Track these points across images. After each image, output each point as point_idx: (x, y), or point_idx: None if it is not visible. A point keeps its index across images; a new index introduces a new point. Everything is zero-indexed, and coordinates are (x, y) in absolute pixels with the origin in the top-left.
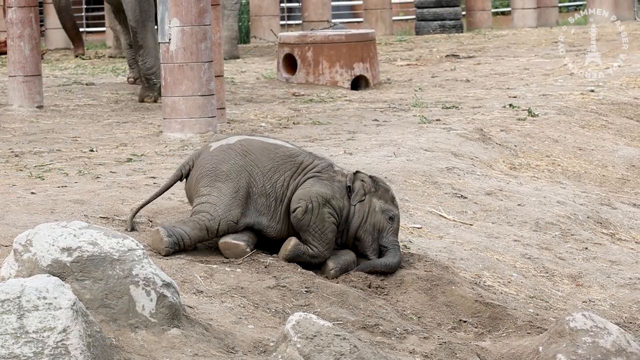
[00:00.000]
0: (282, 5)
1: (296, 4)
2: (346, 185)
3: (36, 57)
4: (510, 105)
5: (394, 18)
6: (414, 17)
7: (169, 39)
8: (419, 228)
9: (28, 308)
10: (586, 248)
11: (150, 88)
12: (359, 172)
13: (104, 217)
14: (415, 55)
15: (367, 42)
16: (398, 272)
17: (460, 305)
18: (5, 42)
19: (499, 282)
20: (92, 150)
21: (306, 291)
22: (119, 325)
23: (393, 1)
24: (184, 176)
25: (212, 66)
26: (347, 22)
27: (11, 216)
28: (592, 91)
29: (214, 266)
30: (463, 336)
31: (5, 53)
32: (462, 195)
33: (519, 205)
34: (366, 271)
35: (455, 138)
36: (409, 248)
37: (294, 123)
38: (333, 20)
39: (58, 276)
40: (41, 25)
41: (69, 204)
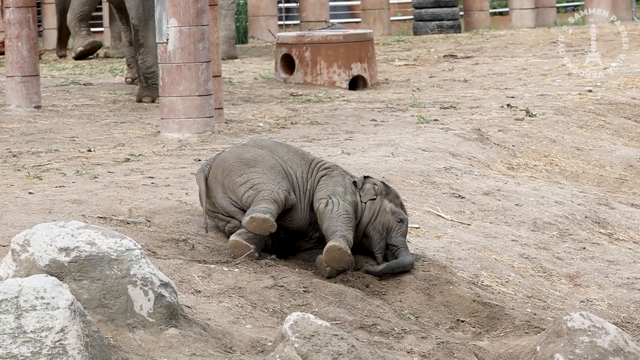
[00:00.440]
0: (280, 5)
1: (294, 4)
2: (353, 181)
3: (34, 58)
4: (508, 105)
5: (392, 18)
6: (412, 18)
7: (167, 39)
8: (417, 228)
9: (26, 308)
10: (584, 248)
11: (148, 88)
12: (370, 177)
13: (102, 217)
14: (413, 55)
15: (365, 42)
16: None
17: (458, 305)
18: (3, 43)
19: (497, 282)
20: (90, 150)
21: (304, 291)
22: (117, 325)
23: (391, 1)
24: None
25: (210, 66)
26: (345, 23)
27: (9, 216)
28: (590, 91)
29: (212, 266)
30: (461, 336)
31: (3, 53)
32: (460, 195)
33: (517, 205)
34: (392, 272)
35: (453, 138)
36: None
37: (292, 123)
38: (331, 20)
39: (56, 276)
40: (39, 25)
41: (67, 204)
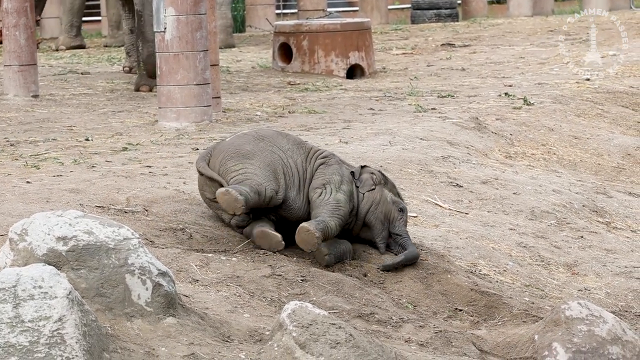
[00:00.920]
0: None
1: None
2: (351, 171)
3: (31, 47)
4: (505, 94)
5: (390, 7)
6: (410, 6)
7: (165, 28)
8: (415, 217)
9: (24, 297)
10: (582, 236)
11: (146, 76)
12: (367, 167)
13: (100, 206)
14: (410, 44)
15: (363, 31)
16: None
17: (455, 293)
18: (0, 32)
19: (495, 271)
20: (88, 139)
21: (302, 280)
22: (115, 314)
23: None
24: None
25: (208, 55)
26: (343, 11)
27: (6, 205)
28: (588, 80)
29: (210, 255)
30: (459, 325)
31: (0, 42)
32: (458, 184)
33: (515, 193)
34: (399, 265)
35: (450, 127)
36: None
37: (290, 112)
38: (328, 9)
39: (54, 265)
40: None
41: (65, 193)
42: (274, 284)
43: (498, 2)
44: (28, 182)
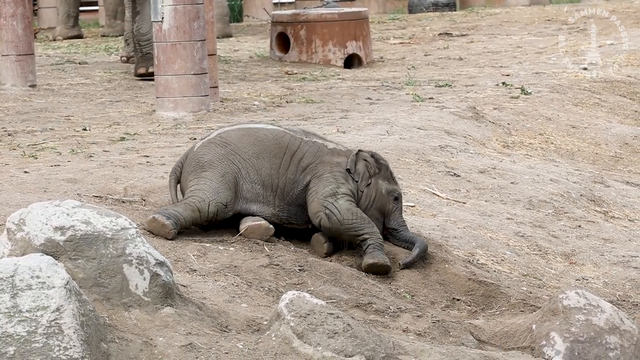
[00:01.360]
0: None
1: None
2: (346, 168)
3: (29, 36)
4: (503, 83)
5: None
6: None
7: (162, 18)
8: (412, 206)
9: (21, 287)
10: (579, 226)
11: (143, 57)
12: (361, 152)
13: (97, 196)
14: (408, 33)
15: (360, 21)
16: (391, 251)
17: (453, 283)
18: None
19: (492, 260)
20: (85, 129)
21: (299, 270)
22: (113, 304)
23: None
24: (178, 179)
25: (205, 45)
26: (340, 1)
27: (4, 195)
28: (585, 69)
29: (208, 245)
30: (456, 314)
31: None
32: (456, 173)
33: (512, 183)
34: (420, 259)
35: (448, 116)
36: None
37: (287, 101)
38: None
39: (51, 255)
40: (34, 4)
41: (62, 183)
42: (272, 274)
43: None
44: (26, 172)
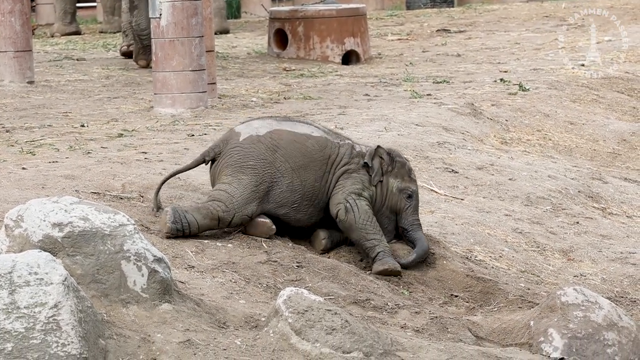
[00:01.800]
0: None
1: None
2: (364, 162)
3: (27, 33)
4: (501, 79)
5: None
6: None
7: (160, 14)
8: None
9: (19, 283)
10: (577, 222)
11: (143, 50)
12: (380, 148)
13: (95, 193)
14: (406, 30)
15: (358, 17)
16: (391, 248)
17: (451, 279)
18: None
19: (490, 257)
20: (83, 125)
21: (297, 266)
22: (111, 300)
23: None
24: (208, 161)
25: (203, 41)
26: None
27: (2, 191)
28: (583, 65)
29: (205, 241)
30: (454, 311)
31: None
32: (453, 169)
33: (510, 179)
34: (411, 265)
35: (446, 113)
36: None
37: (285, 98)
38: None
39: (49, 251)
40: (32, 0)
41: (60, 179)
42: (270, 270)
43: None
44: (24, 169)
